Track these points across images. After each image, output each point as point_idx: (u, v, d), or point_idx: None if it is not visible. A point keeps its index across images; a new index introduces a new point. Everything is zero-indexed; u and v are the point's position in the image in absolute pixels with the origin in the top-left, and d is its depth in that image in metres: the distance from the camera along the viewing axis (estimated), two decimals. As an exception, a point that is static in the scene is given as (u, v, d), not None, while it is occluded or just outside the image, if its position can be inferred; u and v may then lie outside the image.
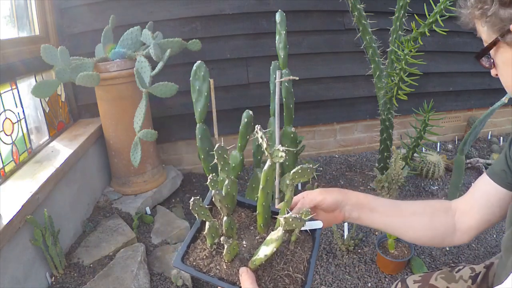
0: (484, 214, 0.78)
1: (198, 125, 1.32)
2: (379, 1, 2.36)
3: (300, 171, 0.69)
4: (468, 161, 2.51)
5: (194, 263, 0.69)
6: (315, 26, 2.46)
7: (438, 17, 1.63)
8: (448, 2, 1.58)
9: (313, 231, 0.77)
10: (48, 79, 1.98)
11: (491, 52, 0.66)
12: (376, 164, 2.35)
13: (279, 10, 1.30)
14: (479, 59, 0.69)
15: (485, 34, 0.66)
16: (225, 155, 0.76)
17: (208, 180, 0.75)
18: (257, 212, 0.74)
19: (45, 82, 1.77)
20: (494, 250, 1.79)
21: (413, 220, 0.81)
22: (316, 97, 2.61)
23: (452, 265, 0.98)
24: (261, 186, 0.71)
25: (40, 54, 1.72)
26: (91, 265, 1.56)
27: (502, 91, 0.84)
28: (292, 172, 0.70)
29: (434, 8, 1.64)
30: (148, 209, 2.01)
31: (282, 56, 1.30)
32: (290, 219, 0.62)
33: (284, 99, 1.32)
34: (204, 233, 0.69)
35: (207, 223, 0.68)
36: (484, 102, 2.93)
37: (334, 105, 2.67)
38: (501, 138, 2.92)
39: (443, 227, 0.80)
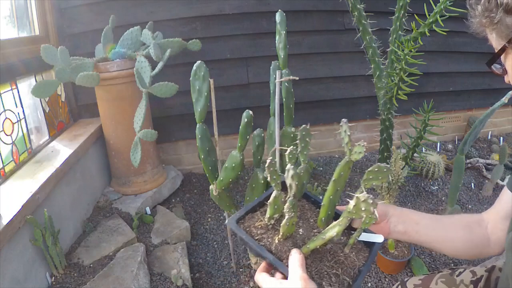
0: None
1: (198, 125, 1.31)
2: (379, 1, 2.36)
3: (376, 169, 0.66)
4: (468, 161, 2.51)
5: (247, 229, 0.69)
6: (315, 26, 2.46)
7: (438, 17, 1.63)
8: (448, 2, 1.58)
9: (370, 245, 0.72)
10: (48, 79, 1.99)
11: (502, 58, 0.67)
12: (376, 164, 2.34)
13: (279, 10, 1.30)
14: (490, 66, 0.70)
15: (494, 41, 0.67)
16: (307, 139, 0.75)
17: (288, 151, 0.72)
18: (322, 203, 0.71)
19: (45, 82, 1.77)
20: (494, 250, 1.79)
21: (453, 233, 0.82)
22: (316, 97, 2.61)
23: (453, 267, 0.97)
24: (333, 179, 0.68)
25: (40, 54, 1.72)
26: (91, 265, 1.56)
27: (502, 91, 0.84)
28: (367, 171, 0.67)
29: (434, 8, 1.63)
30: (148, 209, 2.01)
31: (282, 56, 1.29)
32: (363, 199, 0.58)
33: (284, 99, 1.31)
34: (268, 201, 0.68)
35: (273, 193, 0.67)
36: (484, 102, 2.93)
37: (334, 105, 2.67)
38: (501, 138, 2.92)
39: (479, 239, 0.81)
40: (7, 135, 1.63)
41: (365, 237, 0.71)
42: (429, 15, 1.67)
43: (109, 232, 1.75)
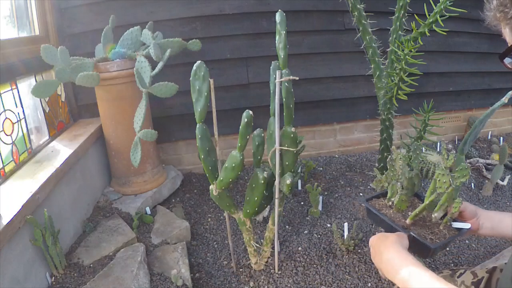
0: None
1: (198, 125, 1.31)
2: (379, 1, 2.36)
3: (461, 168, 0.89)
4: (468, 161, 2.51)
5: (374, 204, 1.08)
6: (315, 26, 2.46)
7: (438, 17, 1.63)
8: (448, 2, 1.58)
9: (459, 230, 0.97)
10: (48, 79, 1.99)
11: None
12: (376, 164, 2.35)
13: (279, 10, 1.30)
14: (502, 60, 0.71)
15: (508, 35, 0.68)
16: (417, 151, 1.17)
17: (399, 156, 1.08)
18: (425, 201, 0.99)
19: (45, 82, 1.77)
20: (494, 250, 1.79)
21: None
22: (316, 97, 2.61)
23: (453, 268, 0.97)
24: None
25: (40, 54, 1.72)
26: (91, 265, 1.56)
27: (502, 91, 0.85)
28: (457, 170, 0.88)
29: (434, 8, 1.63)
30: (148, 209, 2.01)
31: (282, 56, 1.29)
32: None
33: (284, 99, 1.31)
34: (390, 184, 1.08)
35: (392, 181, 1.08)
36: (484, 102, 2.93)
37: (334, 105, 2.67)
38: (501, 138, 2.92)
39: None
40: (7, 135, 1.63)
41: (457, 225, 0.97)
42: (429, 15, 1.67)
43: (109, 232, 1.75)
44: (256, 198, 1.38)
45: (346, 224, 1.78)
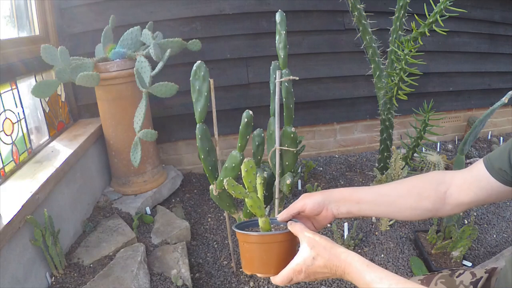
0: (480, 196, 0.78)
1: (198, 125, 1.31)
2: (379, 1, 2.36)
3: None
4: (468, 161, 2.51)
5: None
6: (315, 26, 2.46)
7: (438, 17, 1.63)
8: (448, 2, 1.58)
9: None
10: (48, 79, 1.98)
11: None
12: (376, 164, 2.35)
13: (279, 10, 1.30)
14: None
15: None
16: None
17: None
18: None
19: (45, 82, 1.77)
20: (494, 250, 1.79)
21: (399, 204, 0.82)
22: (316, 97, 2.61)
23: (453, 268, 0.97)
24: None
25: (40, 54, 1.72)
26: (91, 265, 1.56)
27: (502, 91, 0.84)
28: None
29: (434, 8, 1.63)
30: (148, 209, 2.01)
31: (282, 56, 1.29)
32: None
33: (284, 99, 1.31)
34: None
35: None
36: (484, 102, 2.93)
37: (334, 105, 2.67)
38: (501, 138, 2.92)
39: (431, 204, 0.81)
40: (7, 135, 1.63)
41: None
42: (429, 15, 1.67)
43: (109, 232, 1.75)
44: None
45: (346, 224, 1.78)
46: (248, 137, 1.26)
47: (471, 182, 0.79)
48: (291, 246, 0.73)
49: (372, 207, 0.83)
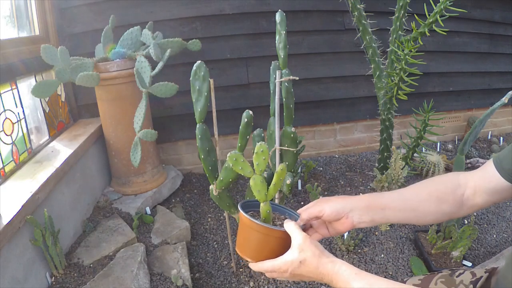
0: (492, 198, 0.80)
1: (198, 125, 1.31)
2: (379, 1, 2.36)
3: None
4: (468, 161, 2.51)
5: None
6: (315, 26, 2.46)
7: (438, 17, 1.63)
8: (448, 2, 1.58)
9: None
10: (48, 79, 1.98)
11: None
12: (376, 164, 2.35)
13: (279, 10, 1.30)
14: None
15: None
16: None
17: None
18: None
19: (45, 82, 1.77)
20: (494, 250, 1.79)
21: (422, 208, 0.82)
22: (316, 97, 2.61)
23: (453, 268, 0.97)
24: None
25: (40, 54, 1.72)
26: (91, 265, 1.56)
27: (502, 91, 0.84)
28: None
29: (434, 8, 1.64)
30: (148, 209, 2.01)
31: (282, 56, 1.29)
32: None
33: (284, 99, 1.31)
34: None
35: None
36: (484, 102, 2.93)
37: (334, 105, 2.67)
38: (501, 138, 2.92)
39: (450, 208, 0.82)
40: (7, 135, 1.63)
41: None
42: (429, 15, 1.67)
43: (109, 232, 1.75)
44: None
45: (346, 224, 1.78)
46: (248, 137, 1.26)
47: (484, 185, 0.80)
48: (286, 244, 0.74)
49: (397, 213, 0.82)
